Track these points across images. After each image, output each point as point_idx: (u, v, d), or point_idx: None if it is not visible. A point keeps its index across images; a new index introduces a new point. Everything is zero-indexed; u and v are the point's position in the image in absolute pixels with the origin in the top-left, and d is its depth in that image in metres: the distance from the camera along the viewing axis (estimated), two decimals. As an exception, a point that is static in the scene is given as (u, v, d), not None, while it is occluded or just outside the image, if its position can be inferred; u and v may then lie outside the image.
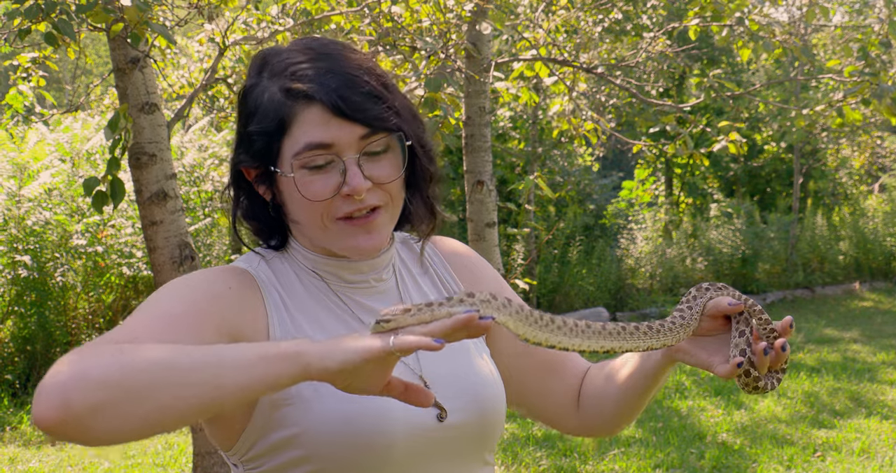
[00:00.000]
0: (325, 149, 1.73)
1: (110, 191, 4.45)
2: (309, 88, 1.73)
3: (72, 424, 1.36)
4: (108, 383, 1.37)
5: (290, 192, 1.76)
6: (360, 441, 1.69)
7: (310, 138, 1.73)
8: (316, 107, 1.73)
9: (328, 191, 1.74)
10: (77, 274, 9.87)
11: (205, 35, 7.72)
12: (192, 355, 1.44)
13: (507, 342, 2.02)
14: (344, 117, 1.73)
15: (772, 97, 17.47)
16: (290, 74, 1.76)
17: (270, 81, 1.78)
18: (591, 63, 8.14)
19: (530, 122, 15.22)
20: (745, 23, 6.63)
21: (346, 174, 1.73)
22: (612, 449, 7.66)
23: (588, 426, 2.07)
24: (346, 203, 1.75)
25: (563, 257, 15.29)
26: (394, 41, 5.86)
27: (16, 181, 9.84)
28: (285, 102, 1.74)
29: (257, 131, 1.77)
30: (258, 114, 1.77)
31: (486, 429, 1.86)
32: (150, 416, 1.39)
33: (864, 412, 8.86)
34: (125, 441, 1.42)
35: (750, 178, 20.38)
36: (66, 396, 1.35)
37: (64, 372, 1.38)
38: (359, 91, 1.75)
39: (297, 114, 1.74)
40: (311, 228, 1.79)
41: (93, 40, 22.37)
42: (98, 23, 4.22)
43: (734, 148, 6.64)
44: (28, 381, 9.58)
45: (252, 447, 1.76)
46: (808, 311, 15.43)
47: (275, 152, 1.76)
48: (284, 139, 1.75)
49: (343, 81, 1.74)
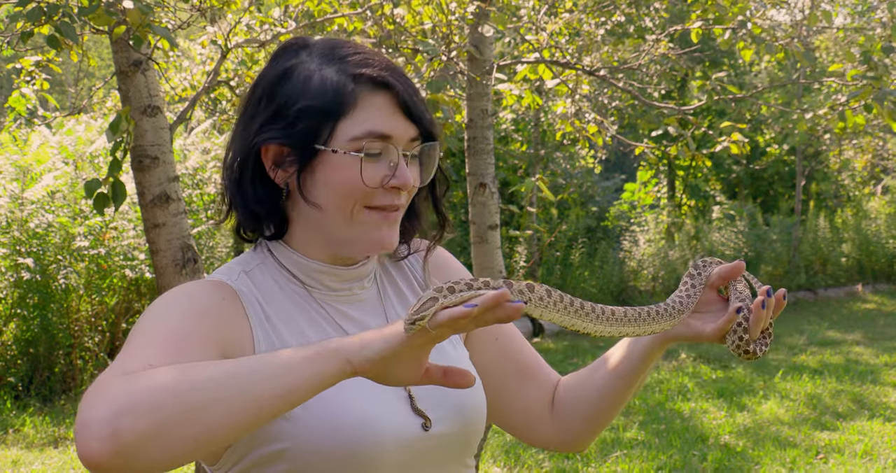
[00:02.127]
0: (383, 140, 1.74)
1: (111, 194, 4.45)
2: (383, 76, 1.75)
3: (123, 455, 1.33)
4: (157, 407, 1.35)
5: (333, 174, 1.74)
6: (347, 453, 1.69)
7: (374, 126, 1.73)
8: (386, 96, 1.75)
9: (377, 180, 1.74)
10: (80, 276, 9.87)
11: (207, 38, 7.72)
12: (236, 368, 1.43)
13: (484, 346, 2.02)
14: (408, 114, 1.76)
15: (774, 99, 17.47)
16: (352, 62, 1.76)
17: (322, 64, 1.77)
18: (593, 65, 8.14)
19: (532, 125, 15.23)
20: (747, 26, 6.63)
21: (398, 168, 1.75)
22: (614, 451, 7.66)
23: (562, 430, 2.04)
24: (384, 196, 1.76)
25: (565, 259, 15.30)
26: (396, 43, 5.87)
27: (18, 184, 9.84)
28: (347, 84, 1.74)
29: (308, 108, 1.75)
30: (309, 94, 1.75)
31: (469, 437, 1.87)
32: (200, 437, 1.38)
33: (867, 414, 8.86)
34: (173, 467, 1.40)
35: (752, 180, 20.39)
36: (114, 426, 1.33)
37: (103, 405, 1.35)
38: (418, 94, 1.78)
39: (364, 99, 1.74)
40: (335, 215, 1.77)
41: (95, 43, 22.40)
42: (100, 25, 4.22)
43: (736, 148, 6.63)
44: (31, 384, 9.59)
45: (239, 461, 1.74)
46: (811, 313, 15.43)
47: (327, 132, 1.74)
48: (342, 120, 1.74)
49: (408, 81, 1.78)
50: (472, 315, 1.40)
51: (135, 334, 1.63)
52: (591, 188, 17.39)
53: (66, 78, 24.74)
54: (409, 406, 1.78)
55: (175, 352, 1.55)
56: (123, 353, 1.55)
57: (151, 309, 1.70)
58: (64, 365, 9.77)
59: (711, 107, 17.25)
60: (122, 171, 4.47)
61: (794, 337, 13.12)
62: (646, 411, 9.01)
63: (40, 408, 9.24)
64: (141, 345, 1.58)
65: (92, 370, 9.95)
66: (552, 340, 12.94)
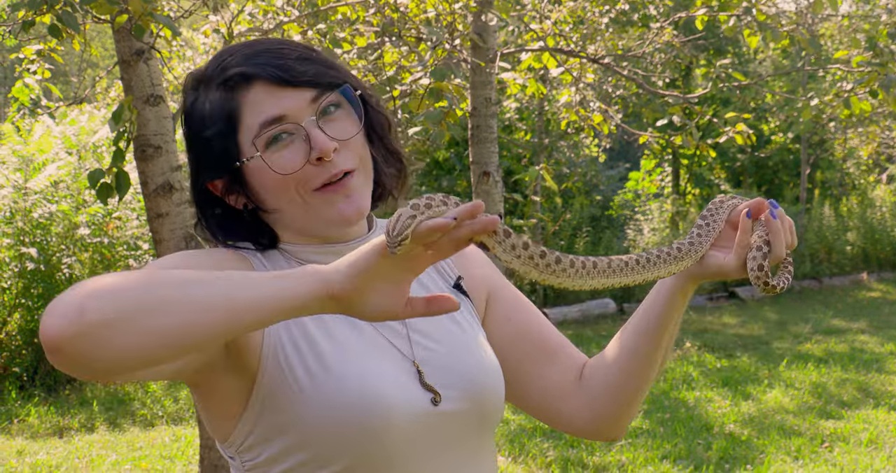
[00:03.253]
0: (280, 121, 1.72)
1: (115, 184, 4.44)
2: (243, 70, 1.73)
3: (85, 337, 1.30)
4: (126, 294, 1.34)
5: (261, 178, 1.75)
6: (355, 426, 1.67)
7: (262, 117, 1.72)
8: (256, 85, 1.73)
9: (298, 161, 1.72)
10: (83, 266, 9.88)
11: (210, 26, 7.70)
12: (210, 275, 1.42)
13: (497, 327, 2.00)
14: (287, 85, 1.72)
15: (778, 87, 17.42)
16: (219, 72, 1.76)
17: (206, 90, 1.78)
18: (597, 54, 8.11)
19: (536, 113, 15.20)
20: (752, 13, 6.60)
21: (310, 139, 1.72)
22: (619, 440, 7.66)
23: (591, 411, 1.98)
24: (318, 172, 1.73)
25: (569, 248, 15.28)
26: (399, 31, 5.84)
27: (22, 174, 9.84)
28: (226, 96, 1.74)
29: (212, 135, 1.75)
30: (207, 121, 1.76)
31: (485, 417, 1.84)
32: (166, 331, 1.34)
33: (872, 402, 8.85)
34: (136, 366, 1.37)
35: (757, 169, 20.35)
36: (81, 306, 1.30)
37: (76, 289, 1.34)
38: (290, 58, 1.75)
39: (242, 101, 1.73)
40: (292, 210, 1.77)
41: (98, 32, 22.39)
42: (102, 14, 4.21)
43: (741, 139, 6.62)
44: (35, 374, 9.61)
45: (248, 435, 1.74)
46: (816, 302, 15.40)
47: (235, 147, 1.74)
48: (240, 130, 1.74)
49: (272, 55, 1.74)
50: (450, 226, 1.38)
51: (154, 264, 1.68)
52: (595, 177, 17.38)
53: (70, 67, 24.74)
54: (418, 381, 1.76)
55: None
56: None
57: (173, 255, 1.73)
58: (68, 355, 9.78)
59: (716, 95, 17.19)
60: (125, 161, 4.46)
61: (800, 325, 13.11)
62: (650, 400, 9.00)
63: (45, 398, 9.25)
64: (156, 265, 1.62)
65: (96, 360, 9.97)
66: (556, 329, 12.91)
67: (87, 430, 8.36)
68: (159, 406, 9.00)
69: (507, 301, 2.02)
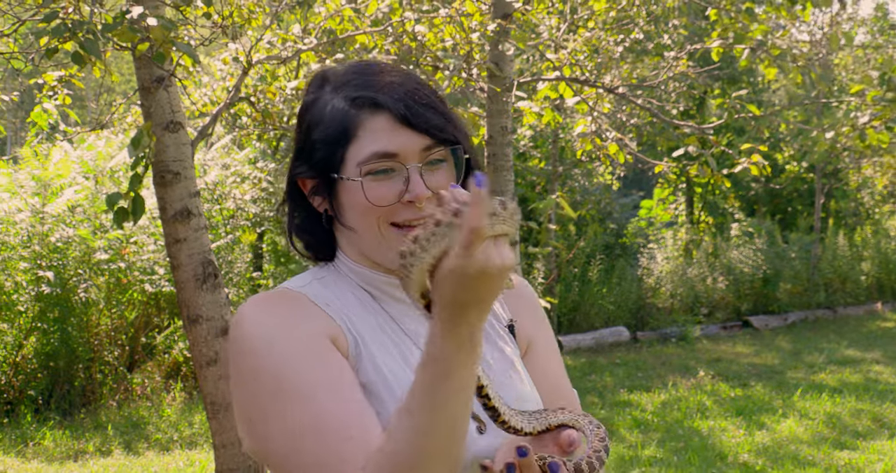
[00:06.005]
0: (390, 158, 1.78)
1: (131, 208, 4.48)
2: (376, 97, 1.79)
3: None
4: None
5: (351, 198, 1.80)
6: None
7: (377, 147, 1.77)
8: (383, 115, 1.79)
9: (392, 197, 1.78)
10: (100, 290, 9.92)
11: (229, 54, 7.77)
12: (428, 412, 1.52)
13: (533, 366, 2.03)
14: (409, 127, 1.78)
15: (792, 117, 17.43)
16: (354, 86, 1.82)
17: (333, 94, 1.84)
18: (613, 83, 8.15)
19: (551, 141, 15.23)
20: (766, 46, 6.63)
21: (409, 182, 1.78)
22: (633, 469, 7.64)
23: None
24: (405, 210, 1.79)
25: (583, 276, 15.27)
26: (416, 60, 5.89)
27: (39, 198, 9.91)
28: (350, 111, 1.80)
29: (321, 139, 1.82)
30: (322, 125, 1.82)
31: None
32: None
33: (887, 433, 8.81)
34: None
35: (771, 198, 20.33)
36: None
37: None
38: (422, 102, 1.80)
39: (364, 122, 1.79)
40: (367, 236, 1.82)
41: (116, 58, 22.53)
42: (124, 42, 4.26)
43: (756, 170, 6.63)
44: (51, 397, 9.63)
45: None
46: (830, 332, 15.36)
47: (338, 160, 1.80)
48: (349, 147, 1.79)
49: (407, 92, 1.80)
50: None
51: (288, 399, 1.69)
52: (609, 205, 17.38)
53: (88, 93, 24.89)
54: None
55: (362, 411, 1.67)
56: (313, 442, 1.64)
57: (276, 357, 1.73)
58: (84, 378, 9.81)
59: (730, 125, 17.21)
60: (141, 186, 4.50)
61: (814, 355, 13.06)
62: (664, 428, 8.98)
63: (60, 422, 9.27)
64: (319, 416, 1.66)
65: (111, 383, 9.99)
66: (570, 357, 12.91)
67: (103, 454, 8.37)
68: (175, 431, 9.01)
69: (538, 355, 2.06)
